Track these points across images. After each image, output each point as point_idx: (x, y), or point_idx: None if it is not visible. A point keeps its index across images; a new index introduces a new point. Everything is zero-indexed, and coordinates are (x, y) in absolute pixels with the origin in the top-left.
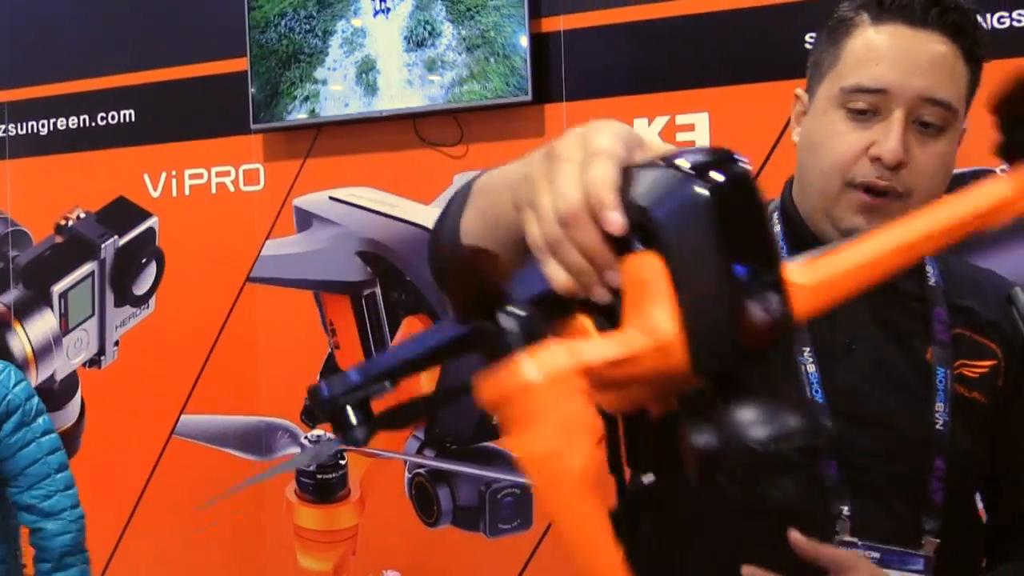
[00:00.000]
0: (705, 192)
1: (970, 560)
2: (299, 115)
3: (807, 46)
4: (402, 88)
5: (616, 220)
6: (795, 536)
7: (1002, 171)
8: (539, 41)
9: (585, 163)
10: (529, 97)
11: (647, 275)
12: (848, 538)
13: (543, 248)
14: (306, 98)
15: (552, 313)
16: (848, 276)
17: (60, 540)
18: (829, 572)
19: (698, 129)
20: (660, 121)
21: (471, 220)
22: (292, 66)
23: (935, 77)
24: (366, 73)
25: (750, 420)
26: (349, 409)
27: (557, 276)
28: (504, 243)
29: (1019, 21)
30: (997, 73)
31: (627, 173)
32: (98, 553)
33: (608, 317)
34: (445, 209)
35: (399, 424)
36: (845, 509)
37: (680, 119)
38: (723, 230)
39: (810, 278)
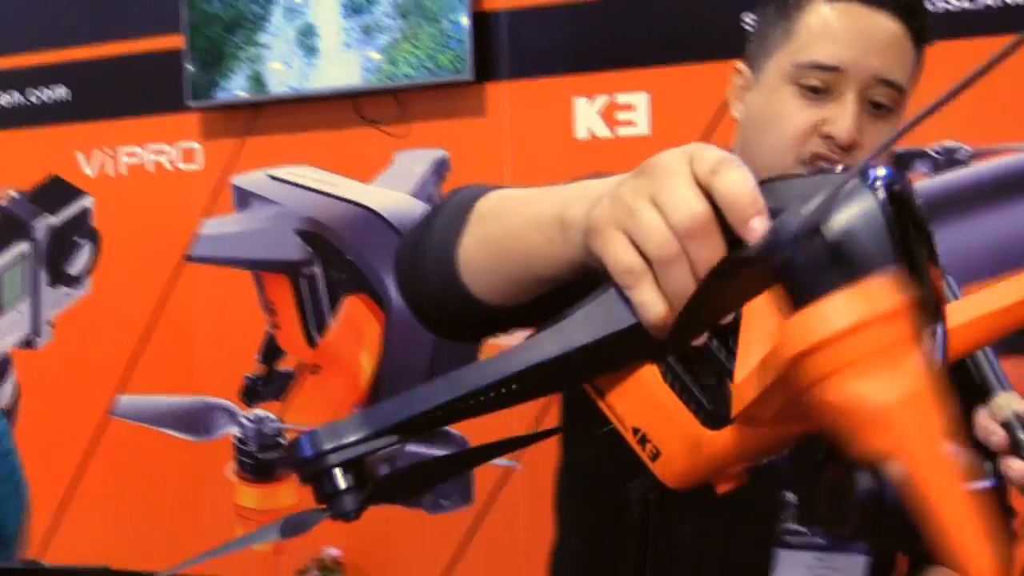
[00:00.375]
0: (884, 198)
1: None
2: (238, 92)
3: (746, 26)
4: (340, 53)
5: (763, 224)
6: None
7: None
8: (480, 20)
9: (714, 171)
10: (470, 76)
11: None
12: (792, 525)
13: (635, 273)
14: (245, 75)
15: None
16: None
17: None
18: None
19: (638, 109)
20: (600, 100)
21: (474, 249)
22: (232, 35)
23: (889, 58)
24: (306, 37)
25: None
26: (337, 473)
27: (653, 306)
28: (517, 278)
29: (953, 5)
30: (936, 58)
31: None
32: (35, 535)
33: (684, 359)
34: (427, 224)
35: (404, 493)
36: (789, 495)
37: (621, 98)
38: (902, 240)
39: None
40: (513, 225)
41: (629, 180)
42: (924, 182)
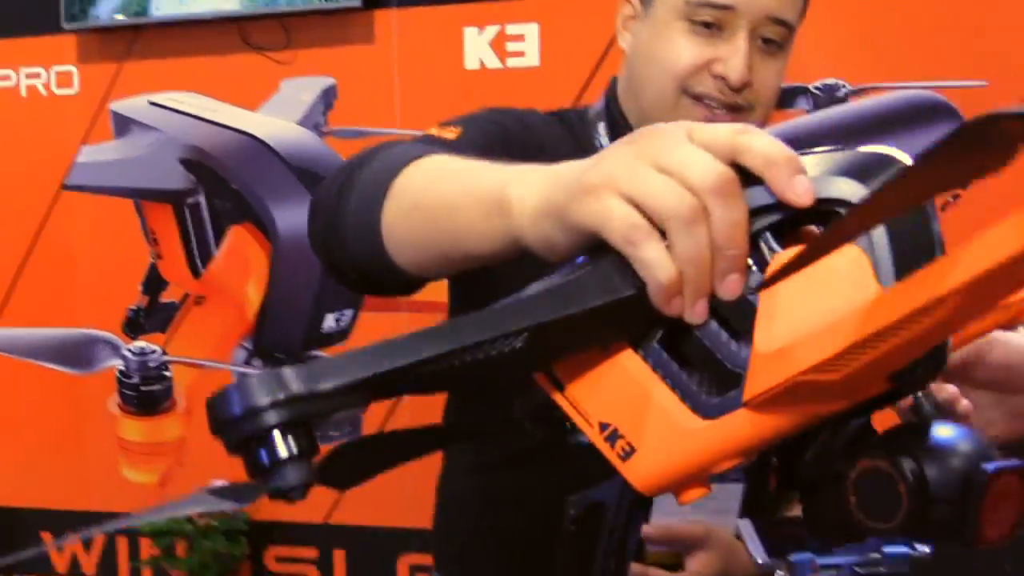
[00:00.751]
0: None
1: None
2: (116, 16)
3: None
4: None
5: (808, 188)
6: (645, 529)
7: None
8: None
9: (738, 134)
10: (358, 3)
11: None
12: None
13: (642, 230)
14: None
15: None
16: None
17: None
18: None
19: (528, 40)
20: (491, 31)
21: (402, 219)
22: None
23: None
24: None
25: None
26: (277, 436)
27: (663, 265)
28: (446, 252)
29: None
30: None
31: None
32: None
33: (670, 345)
34: (347, 183)
35: (359, 476)
36: None
37: (511, 29)
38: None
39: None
40: (446, 197)
41: (619, 148)
42: (802, 118)
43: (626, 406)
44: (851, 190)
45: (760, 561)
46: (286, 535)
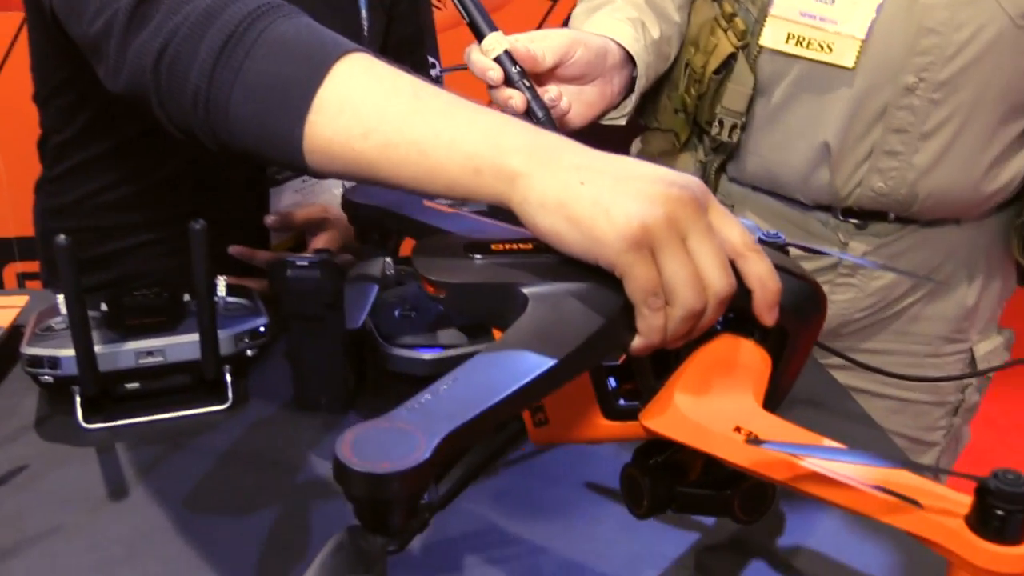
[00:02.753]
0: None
1: None
2: None
3: None
4: None
5: (776, 315)
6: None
7: None
8: None
9: (746, 250)
10: None
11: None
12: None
13: (660, 298)
14: None
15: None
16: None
17: None
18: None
19: None
20: None
21: (337, 140)
22: None
23: None
24: None
25: None
26: None
27: (659, 332)
28: (401, 182)
29: None
30: None
31: None
32: None
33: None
34: (212, 66)
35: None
36: None
37: None
38: None
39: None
40: (415, 136)
41: (653, 195)
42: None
43: (562, 395)
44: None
45: None
46: None
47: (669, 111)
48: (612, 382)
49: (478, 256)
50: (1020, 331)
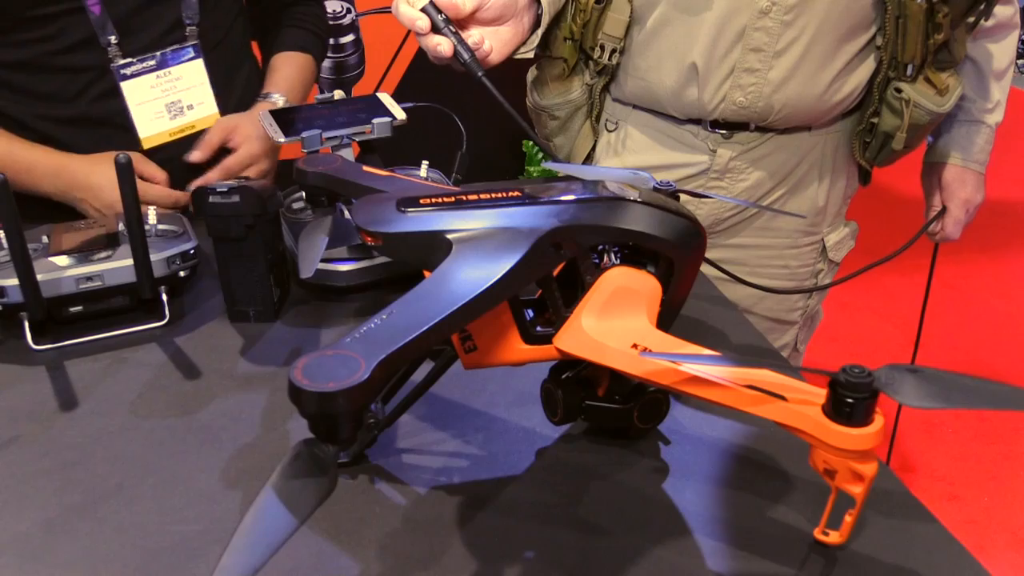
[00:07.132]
0: None
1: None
2: None
3: None
4: None
5: None
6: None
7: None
8: None
9: None
10: None
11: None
12: (123, 60)
13: None
14: None
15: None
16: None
17: None
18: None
19: None
20: None
21: None
22: None
23: None
24: None
25: None
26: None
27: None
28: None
29: None
30: None
31: None
32: None
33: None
34: None
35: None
36: (112, 39)
37: None
38: None
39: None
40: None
41: None
42: None
43: (484, 321)
44: None
45: (279, 141)
46: None
47: (559, 40)
48: (530, 313)
49: (409, 210)
50: (864, 225)
